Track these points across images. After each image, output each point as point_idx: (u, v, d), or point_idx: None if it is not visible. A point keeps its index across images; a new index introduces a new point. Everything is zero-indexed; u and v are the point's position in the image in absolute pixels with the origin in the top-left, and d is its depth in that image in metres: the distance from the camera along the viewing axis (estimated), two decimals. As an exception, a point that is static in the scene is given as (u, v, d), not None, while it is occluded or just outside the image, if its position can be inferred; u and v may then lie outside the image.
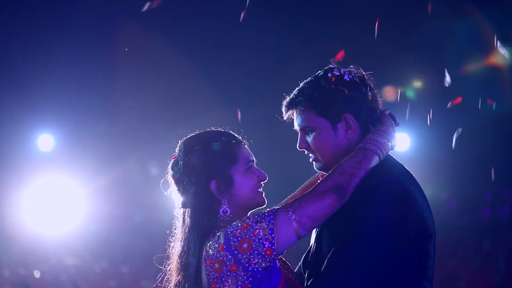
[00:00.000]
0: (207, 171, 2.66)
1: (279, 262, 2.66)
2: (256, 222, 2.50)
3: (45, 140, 8.21)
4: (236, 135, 2.78)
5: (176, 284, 2.69)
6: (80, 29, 7.64)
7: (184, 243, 2.67)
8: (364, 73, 2.75)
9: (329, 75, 2.70)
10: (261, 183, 2.74)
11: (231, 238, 2.50)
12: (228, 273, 2.51)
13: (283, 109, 2.77)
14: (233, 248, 2.49)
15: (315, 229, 2.69)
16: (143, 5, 7.42)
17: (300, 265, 2.85)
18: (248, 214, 2.70)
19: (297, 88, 2.76)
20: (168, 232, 2.80)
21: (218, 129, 2.81)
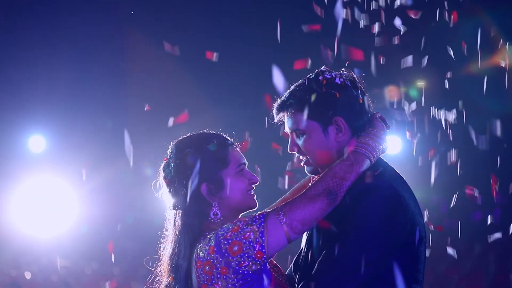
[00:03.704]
0: (198, 173, 2.66)
1: (269, 265, 2.67)
2: (247, 225, 2.50)
3: (36, 141, 8.19)
4: (228, 138, 2.79)
5: (167, 286, 2.69)
6: (72, 31, 7.62)
7: (175, 245, 2.67)
8: (355, 76, 2.75)
9: (321, 78, 2.70)
10: (253, 186, 2.74)
11: (222, 240, 2.50)
12: (219, 276, 2.51)
13: (274, 111, 2.77)
14: (223, 251, 2.49)
15: (306, 232, 2.69)
16: (134, 6, 7.42)
17: (291, 268, 2.85)
18: (239, 216, 2.71)
19: (288, 91, 2.75)
20: (159, 233, 2.80)
21: (210, 132, 2.81)
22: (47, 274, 8.73)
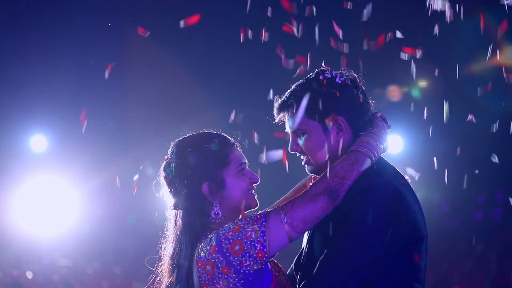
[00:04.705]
0: (199, 173, 2.66)
1: (271, 264, 2.66)
2: (248, 225, 2.50)
3: (37, 141, 8.20)
4: (229, 137, 2.79)
5: (168, 285, 2.70)
6: (74, 31, 7.62)
7: (176, 244, 2.67)
8: (355, 75, 2.75)
9: (321, 77, 2.70)
10: (253, 185, 2.74)
11: (223, 240, 2.50)
12: (220, 275, 2.51)
13: (275, 111, 2.77)
14: (224, 250, 2.49)
15: (307, 231, 2.69)
16: (135, 6, 7.42)
17: (292, 267, 2.85)
18: (240, 216, 2.71)
19: (288, 91, 2.75)
20: (160, 233, 2.80)
21: (211, 131, 2.81)
22: (48, 274, 8.75)
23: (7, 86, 7.84)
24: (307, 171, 2.79)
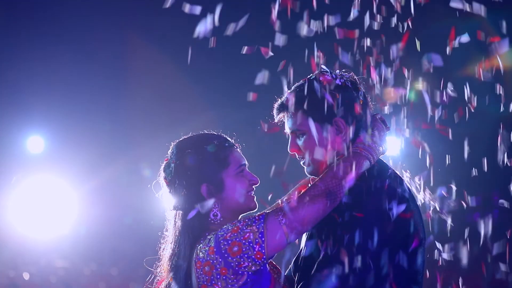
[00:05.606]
0: (198, 174, 2.67)
1: (269, 266, 2.67)
2: (247, 226, 2.51)
3: (35, 142, 8.19)
4: (229, 139, 2.79)
5: (166, 286, 2.70)
6: (71, 32, 7.61)
7: (175, 245, 2.68)
8: (356, 77, 2.75)
9: (321, 78, 2.70)
10: (253, 187, 2.75)
11: (222, 241, 2.50)
12: (218, 276, 2.51)
13: (275, 111, 2.77)
14: (223, 251, 2.49)
15: (305, 232, 2.69)
16: (131, 7, 7.42)
17: (290, 268, 2.85)
18: (239, 217, 2.71)
19: (288, 91, 2.76)
20: (159, 233, 2.80)
21: (211, 132, 2.81)
22: (45, 275, 8.73)
23: (4, 86, 7.83)
24: (306, 172, 2.80)
